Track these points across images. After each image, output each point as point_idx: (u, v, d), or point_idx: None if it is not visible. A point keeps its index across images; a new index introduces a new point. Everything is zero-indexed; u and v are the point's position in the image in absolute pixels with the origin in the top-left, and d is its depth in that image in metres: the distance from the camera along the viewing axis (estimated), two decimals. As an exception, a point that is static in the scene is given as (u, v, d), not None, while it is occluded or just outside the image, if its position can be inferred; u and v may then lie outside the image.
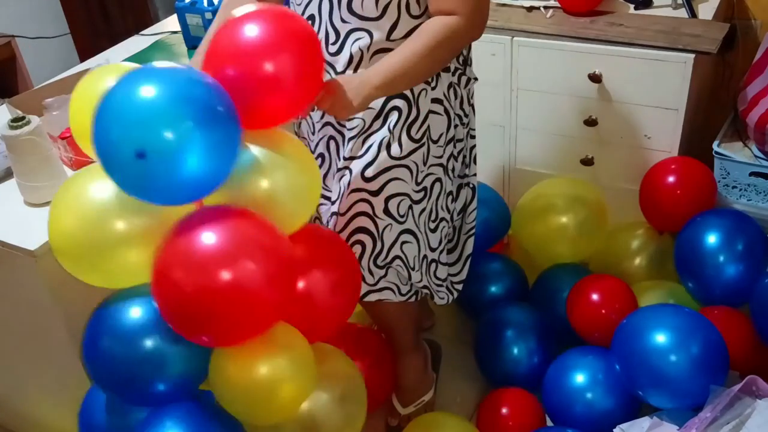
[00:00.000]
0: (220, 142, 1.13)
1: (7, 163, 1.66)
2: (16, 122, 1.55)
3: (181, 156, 1.08)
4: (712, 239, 1.85)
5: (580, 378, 1.74)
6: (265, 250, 1.16)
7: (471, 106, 1.66)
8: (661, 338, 1.58)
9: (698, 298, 1.90)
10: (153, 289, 1.18)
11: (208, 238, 1.13)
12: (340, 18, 1.45)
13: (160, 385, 1.28)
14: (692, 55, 1.91)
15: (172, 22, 2.43)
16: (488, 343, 1.94)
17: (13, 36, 3.02)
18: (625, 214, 2.13)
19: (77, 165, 1.62)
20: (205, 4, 2.16)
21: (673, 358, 1.56)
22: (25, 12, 3.20)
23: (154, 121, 1.07)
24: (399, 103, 1.49)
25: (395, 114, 1.50)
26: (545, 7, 2.16)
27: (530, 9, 2.17)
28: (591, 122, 2.11)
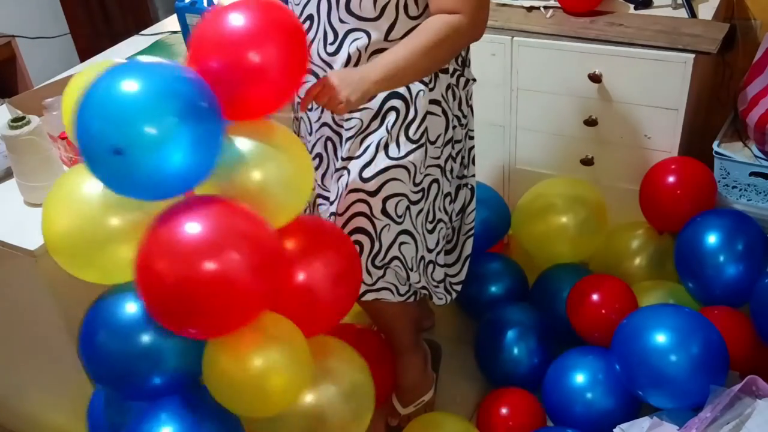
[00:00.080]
0: (201, 138, 1.11)
1: (7, 163, 1.66)
2: (16, 122, 1.55)
3: (158, 152, 1.07)
4: (712, 239, 1.85)
5: (580, 378, 1.74)
6: (249, 239, 1.14)
7: (470, 107, 1.66)
8: (661, 338, 1.58)
9: (698, 298, 1.90)
10: (136, 281, 1.16)
11: (190, 228, 1.11)
12: (339, 18, 1.45)
13: (157, 379, 1.28)
14: (692, 55, 1.91)
15: (172, 22, 2.43)
16: (488, 343, 1.94)
17: (13, 36, 3.02)
18: (625, 214, 2.13)
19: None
20: (205, 4, 2.15)
21: (673, 358, 1.56)
22: (25, 12, 3.20)
23: (131, 117, 1.06)
24: (397, 103, 1.49)
25: (393, 114, 1.50)
26: (545, 7, 2.16)
27: (530, 9, 2.17)
28: (591, 122, 2.11)
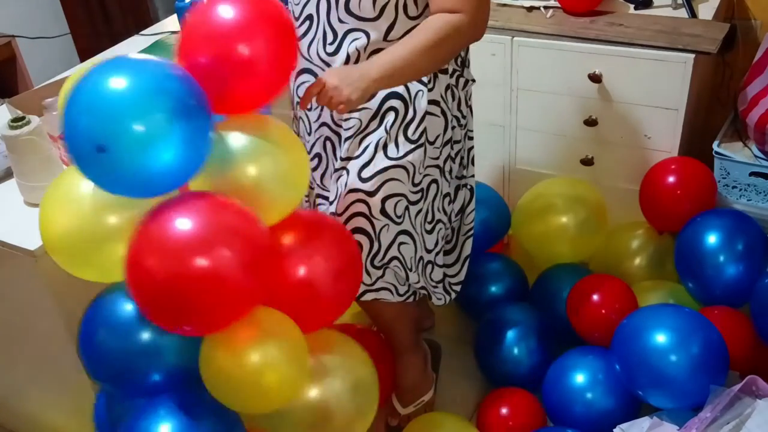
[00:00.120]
0: (188, 135, 1.10)
1: (7, 163, 1.66)
2: (16, 122, 1.55)
3: (142, 150, 1.07)
4: (712, 239, 1.85)
5: (580, 378, 1.73)
6: (239, 235, 1.14)
7: (469, 107, 1.66)
8: (661, 338, 1.58)
9: (698, 298, 1.90)
10: (126, 278, 1.15)
11: (179, 224, 1.11)
12: (338, 18, 1.45)
13: (156, 376, 1.28)
14: (692, 55, 1.91)
15: (172, 22, 2.43)
16: (488, 343, 1.94)
17: (13, 36, 3.02)
18: (625, 214, 2.13)
19: (77, 165, 1.62)
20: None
21: (673, 358, 1.56)
22: (25, 12, 3.19)
23: (114, 114, 1.06)
24: (395, 103, 1.49)
25: (392, 114, 1.49)
26: (545, 7, 2.16)
27: (530, 9, 2.17)
28: (591, 122, 2.11)
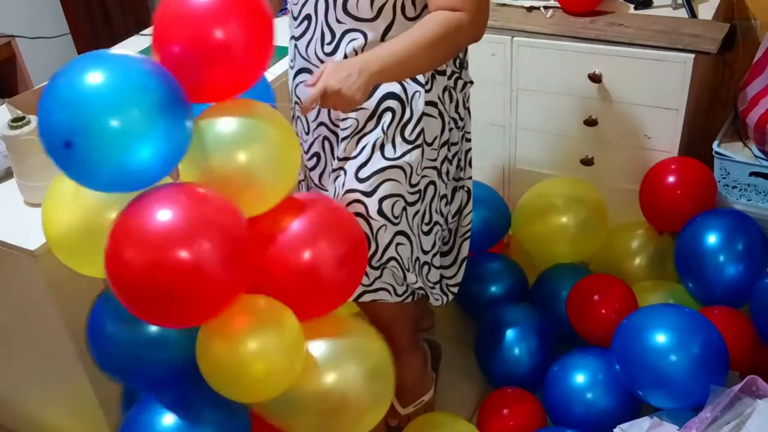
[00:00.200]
0: (162, 131, 1.10)
1: (7, 163, 1.66)
2: (16, 122, 1.55)
3: (115, 146, 1.06)
4: (712, 239, 1.85)
5: (580, 378, 1.74)
6: (217, 227, 1.13)
7: (467, 109, 1.65)
8: (661, 338, 1.58)
9: (698, 298, 1.90)
10: (105, 270, 1.14)
11: (158, 215, 1.10)
12: (336, 18, 1.45)
13: (163, 367, 1.28)
14: (692, 55, 1.91)
15: (172, 22, 2.42)
16: (488, 343, 1.94)
17: (13, 36, 3.01)
18: (625, 214, 2.13)
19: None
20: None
21: (673, 358, 1.56)
22: (25, 12, 3.19)
23: (83, 111, 1.05)
24: (392, 104, 1.49)
25: (389, 115, 1.49)
26: (545, 7, 2.16)
27: (530, 9, 2.17)
28: (591, 122, 2.11)
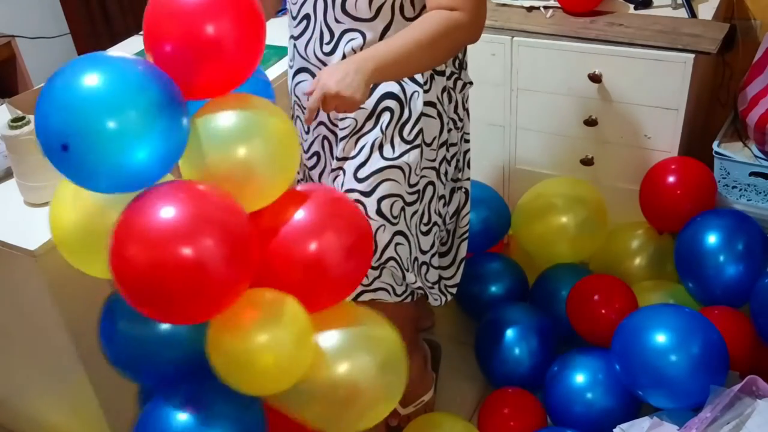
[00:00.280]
0: (159, 132, 1.10)
1: (7, 163, 1.66)
2: (16, 122, 1.55)
3: (105, 149, 1.06)
4: (712, 239, 1.85)
5: (580, 378, 1.74)
6: (218, 224, 1.12)
7: (466, 110, 1.65)
8: (661, 338, 1.58)
9: (698, 298, 1.90)
10: (110, 267, 1.14)
11: (161, 213, 1.10)
12: (334, 18, 1.45)
13: (175, 363, 1.28)
14: (692, 55, 1.91)
15: (172, 22, 2.43)
16: (488, 343, 1.94)
17: (13, 36, 3.01)
18: (625, 214, 2.13)
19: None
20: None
21: (673, 358, 1.56)
22: (25, 12, 3.19)
23: (77, 113, 1.05)
24: (391, 104, 1.49)
25: (387, 115, 1.49)
26: (545, 7, 2.16)
27: (530, 9, 2.17)
28: (591, 122, 2.11)
